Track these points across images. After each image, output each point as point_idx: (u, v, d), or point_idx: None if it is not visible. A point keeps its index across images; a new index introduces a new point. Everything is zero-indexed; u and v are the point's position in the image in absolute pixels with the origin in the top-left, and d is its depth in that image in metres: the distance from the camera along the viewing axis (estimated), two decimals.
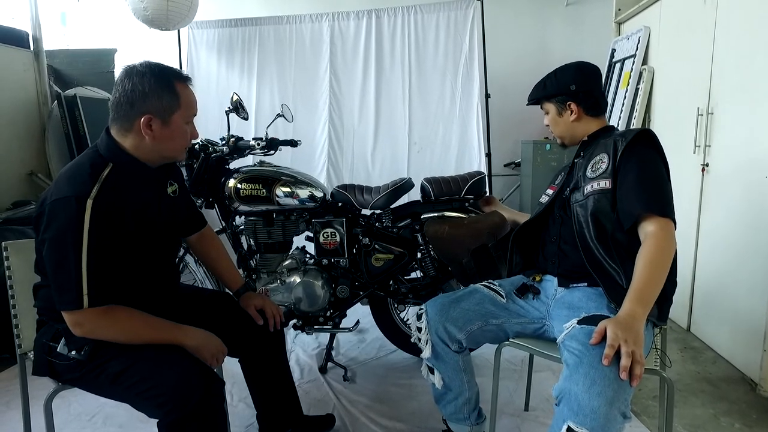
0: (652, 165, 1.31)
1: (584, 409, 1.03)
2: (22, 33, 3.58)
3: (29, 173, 3.49)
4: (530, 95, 1.56)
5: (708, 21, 2.37)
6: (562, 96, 1.47)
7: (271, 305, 1.57)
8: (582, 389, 1.05)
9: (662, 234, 1.22)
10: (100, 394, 1.27)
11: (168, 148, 1.27)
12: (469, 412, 1.55)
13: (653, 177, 1.29)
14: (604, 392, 1.03)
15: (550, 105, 1.51)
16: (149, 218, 1.28)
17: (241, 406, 1.97)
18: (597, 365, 1.07)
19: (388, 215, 2.15)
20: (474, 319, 1.42)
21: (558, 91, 1.47)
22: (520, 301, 1.46)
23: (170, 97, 1.22)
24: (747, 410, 1.88)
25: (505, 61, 4.00)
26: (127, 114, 1.21)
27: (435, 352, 1.46)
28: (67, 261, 1.11)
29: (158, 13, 3.18)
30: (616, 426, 1.03)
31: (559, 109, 1.49)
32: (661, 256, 1.20)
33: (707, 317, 2.41)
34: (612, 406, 1.02)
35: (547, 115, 1.54)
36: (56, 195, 1.13)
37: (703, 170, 2.39)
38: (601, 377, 1.05)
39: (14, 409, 1.97)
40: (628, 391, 1.06)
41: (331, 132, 3.58)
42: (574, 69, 1.47)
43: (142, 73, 1.20)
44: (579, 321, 1.21)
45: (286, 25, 3.62)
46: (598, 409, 1.02)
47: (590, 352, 1.10)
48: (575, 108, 1.46)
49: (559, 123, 1.51)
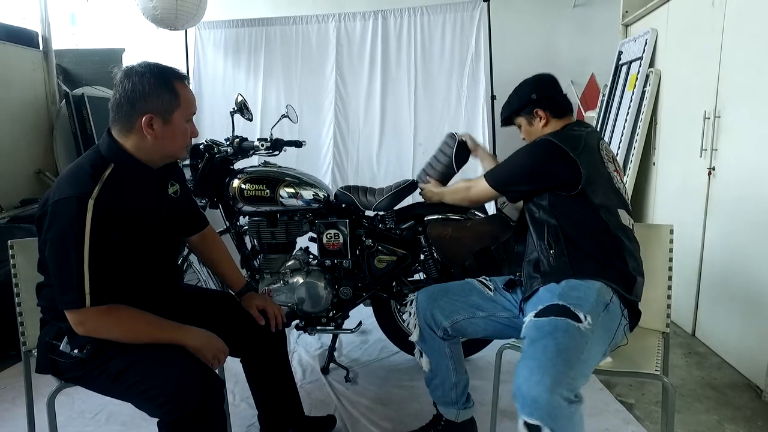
0: (517, 154, 1.52)
1: (527, 400, 1.08)
2: (31, 33, 3.62)
3: (37, 171, 3.53)
4: (501, 117, 1.67)
5: (716, 23, 2.35)
6: (528, 107, 1.55)
7: (273, 305, 1.57)
8: (522, 381, 1.10)
9: (472, 183, 1.65)
10: (102, 393, 1.29)
11: (169, 147, 1.28)
12: (456, 396, 1.61)
13: (508, 160, 1.54)
14: (542, 381, 1.07)
15: (521, 119, 1.59)
16: (151, 218, 1.29)
17: (243, 405, 1.98)
18: (535, 355, 1.13)
19: (392, 217, 2.14)
20: (460, 309, 1.51)
21: (522, 103, 1.57)
22: (508, 295, 1.53)
23: (170, 96, 1.23)
24: (752, 417, 1.86)
25: (512, 62, 3.97)
26: (128, 114, 1.21)
27: (422, 336, 1.57)
28: (68, 261, 1.12)
29: (167, 13, 3.20)
30: (564, 411, 1.06)
31: (529, 120, 1.57)
32: (453, 189, 1.78)
33: (713, 322, 2.39)
34: (553, 393, 1.06)
35: (520, 129, 1.62)
36: (58, 195, 1.15)
37: (710, 174, 2.37)
38: (538, 367, 1.10)
39: (20, 406, 1.98)
40: (571, 374, 1.10)
41: (337, 133, 3.58)
42: (531, 82, 1.58)
43: (141, 73, 1.21)
44: (535, 314, 1.27)
45: (293, 26, 3.63)
46: (539, 397, 1.06)
47: (533, 345, 1.17)
48: (542, 113, 1.53)
49: (532, 132, 1.58)
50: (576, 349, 1.15)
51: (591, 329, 1.20)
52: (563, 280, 1.33)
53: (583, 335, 1.18)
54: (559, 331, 1.19)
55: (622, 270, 1.34)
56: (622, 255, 1.35)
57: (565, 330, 1.19)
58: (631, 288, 1.34)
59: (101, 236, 1.14)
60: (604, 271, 1.32)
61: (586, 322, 1.20)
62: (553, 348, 1.14)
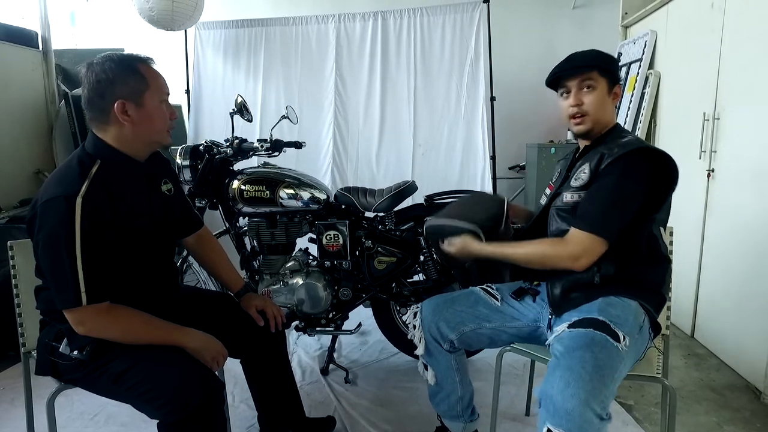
0: (615, 184, 1.23)
1: (559, 410, 1.06)
2: (31, 33, 3.61)
3: (36, 172, 3.52)
4: (581, 59, 1.33)
5: (715, 25, 2.35)
6: (615, 76, 1.32)
7: (272, 306, 1.57)
8: (557, 391, 1.07)
9: (566, 244, 1.25)
10: (102, 394, 1.28)
11: (150, 132, 1.26)
12: (462, 409, 1.56)
13: (606, 194, 1.24)
14: (578, 394, 1.05)
15: (603, 80, 1.30)
16: (142, 214, 1.29)
17: (243, 407, 1.97)
18: (573, 367, 1.10)
19: (391, 218, 2.15)
20: (467, 321, 1.44)
21: (614, 69, 1.32)
22: (516, 303, 1.47)
23: (136, 78, 1.22)
24: (751, 418, 1.87)
25: (511, 63, 3.98)
26: (100, 106, 1.21)
27: (428, 349, 1.50)
28: (61, 260, 1.11)
29: (163, 14, 3.19)
30: (593, 427, 1.05)
31: (610, 87, 1.32)
32: (541, 254, 1.29)
33: (712, 324, 2.39)
34: (587, 407, 1.04)
35: (586, 91, 1.31)
36: (46, 196, 1.14)
37: (709, 176, 2.38)
38: (575, 379, 1.07)
39: (19, 407, 1.98)
40: (605, 392, 1.08)
41: (336, 134, 3.58)
42: (613, 57, 1.35)
43: (102, 62, 1.21)
44: (569, 325, 1.22)
45: (292, 27, 3.63)
46: (573, 410, 1.04)
47: (569, 355, 1.13)
48: (619, 93, 1.34)
49: (606, 104, 1.32)
50: (612, 367, 1.12)
51: (627, 351, 1.16)
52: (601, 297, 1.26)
53: (620, 355, 1.14)
54: (597, 346, 1.14)
55: (658, 291, 1.29)
56: (665, 276, 1.31)
57: (603, 346, 1.14)
58: (660, 309, 1.31)
59: (92, 233, 1.13)
60: (642, 292, 1.27)
61: (624, 343, 1.15)
62: (591, 362, 1.09)
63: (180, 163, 2.12)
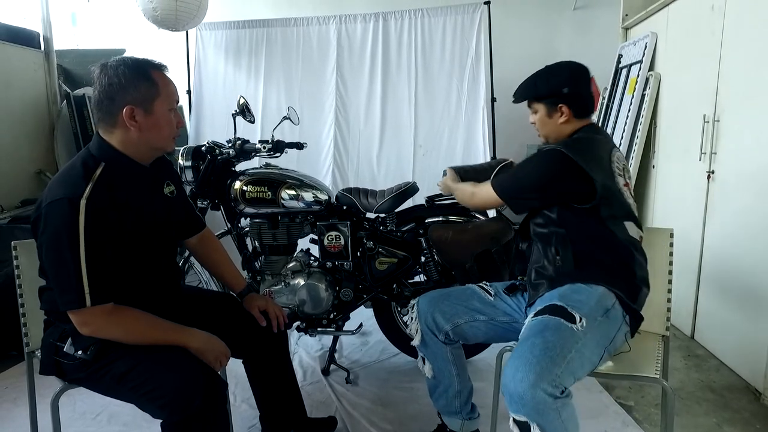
0: (522, 164, 1.50)
1: (514, 397, 1.10)
2: (33, 33, 3.62)
3: (38, 172, 3.53)
4: (518, 93, 1.52)
5: (715, 27, 2.36)
6: (554, 98, 1.43)
7: (274, 306, 1.58)
8: (509, 379, 1.12)
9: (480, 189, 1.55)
10: (106, 394, 1.29)
11: (155, 138, 1.27)
12: (460, 405, 1.59)
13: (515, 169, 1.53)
14: (527, 377, 1.09)
15: (540, 105, 1.47)
16: (145, 216, 1.29)
17: (244, 407, 1.98)
18: (522, 354, 1.14)
19: (393, 219, 2.15)
20: (461, 313, 1.49)
21: (550, 92, 1.44)
22: (508, 299, 1.52)
23: (148, 85, 1.23)
24: (750, 419, 1.87)
25: (512, 65, 3.96)
26: (109, 109, 1.22)
27: (424, 340, 1.55)
28: (65, 262, 1.12)
29: (167, 14, 3.20)
30: (549, 406, 1.08)
31: (549, 111, 1.45)
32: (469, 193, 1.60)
33: (712, 325, 2.40)
34: (536, 388, 1.08)
35: (534, 114, 1.51)
36: (50, 198, 1.15)
37: (709, 177, 2.38)
38: (523, 364, 1.12)
39: (22, 407, 1.99)
40: (555, 371, 1.11)
41: (337, 134, 3.59)
42: (567, 71, 1.46)
43: (116, 66, 1.21)
44: (534, 315, 1.28)
45: (294, 28, 3.63)
46: (524, 393, 1.08)
47: (522, 344, 1.19)
48: (566, 111, 1.43)
49: (547, 124, 1.47)
50: (563, 347, 1.16)
51: (584, 331, 1.20)
52: (567, 284, 1.33)
53: (575, 335, 1.19)
54: (549, 330, 1.20)
55: (629, 279, 1.33)
56: (630, 265, 1.34)
57: (555, 328, 1.20)
58: (636, 297, 1.33)
59: (96, 235, 1.14)
60: (610, 278, 1.31)
61: (580, 324, 1.20)
62: (540, 346, 1.15)
63: (182, 164, 2.12)
